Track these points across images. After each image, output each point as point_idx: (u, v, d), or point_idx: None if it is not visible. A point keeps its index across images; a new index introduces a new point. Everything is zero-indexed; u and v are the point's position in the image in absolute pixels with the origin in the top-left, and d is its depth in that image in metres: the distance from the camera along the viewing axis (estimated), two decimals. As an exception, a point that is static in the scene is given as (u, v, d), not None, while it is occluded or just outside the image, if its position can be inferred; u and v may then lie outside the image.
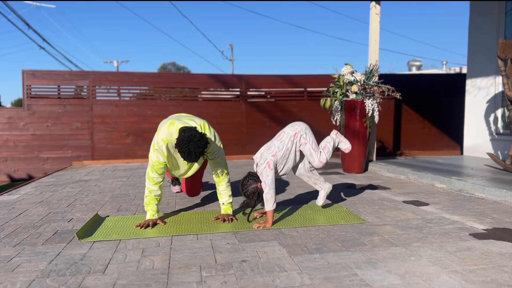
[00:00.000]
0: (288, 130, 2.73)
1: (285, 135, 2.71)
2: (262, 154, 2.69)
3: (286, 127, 2.78)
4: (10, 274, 1.84)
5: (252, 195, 2.59)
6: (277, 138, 2.72)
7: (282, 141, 2.69)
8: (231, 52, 30.64)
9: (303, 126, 2.75)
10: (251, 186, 2.59)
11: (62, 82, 6.87)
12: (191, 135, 2.36)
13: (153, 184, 2.64)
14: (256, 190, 2.58)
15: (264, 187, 2.56)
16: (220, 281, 1.72)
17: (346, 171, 5.07)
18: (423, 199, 3.36)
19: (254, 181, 2.60)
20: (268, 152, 2.66)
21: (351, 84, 4.85)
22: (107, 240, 2.32)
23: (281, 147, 2.67)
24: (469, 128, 6.25)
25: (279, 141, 2.70)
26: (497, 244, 2.17)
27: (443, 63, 29.76)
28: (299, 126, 2.75)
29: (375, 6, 5.46)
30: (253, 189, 2.59)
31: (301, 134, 2.70)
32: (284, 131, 2.75)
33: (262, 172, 2.59)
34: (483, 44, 5.99)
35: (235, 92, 7.47)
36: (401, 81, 7.89)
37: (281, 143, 2.68)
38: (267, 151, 2.67)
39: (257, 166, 2.67)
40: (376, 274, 1.77)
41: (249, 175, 2.64)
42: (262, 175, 2.59)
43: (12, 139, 6.72)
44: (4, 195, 3.75)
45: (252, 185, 2.59)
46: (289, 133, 2.71)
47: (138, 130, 7.09)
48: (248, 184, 2.60)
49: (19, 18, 14.46)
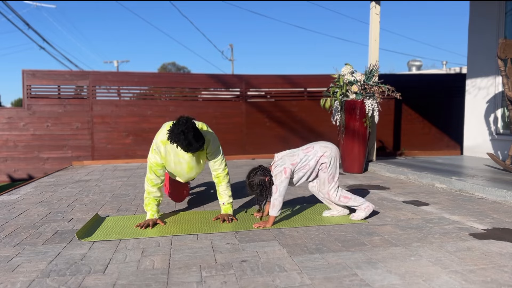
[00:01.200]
0: (318, 148, 2.67)
1: (312, 151, 2.65)
2: (283, 156, 2.65)
3: (317, 143, 2.71)
4: (10, 274, 1.84)
5: (257, 187, 2.55)
6: (304, 151, 2.67)
7: (307, 155, 2.64)
8: (231, 52, 30.65)
9: (333, 153, 2.66)
10: (259, 178, 2.55)
11: (62, 82, 6.87)
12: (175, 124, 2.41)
13: (151, 186, 2.64)
14: (263, 183, 2.55)
15: (275, 192, 2.53)
16: (220, 281, 1.72)
17: (346, 171, 5.07)
18: (423, 199, 3.36)
19: (263, 174, 2.57)
20: (289, 159, 2.61)
21: (351, 84, 4.85)
22: (107, 240, 2.32)
23: (304, 160, 2.62)
24: (469, 128, 6.26)
25: (305, 153, 2.65)
26: (497, 244, 2.17)
27: (443, 63, 29.75)
28: (330, 150, 2.67)
29: (375, 6, 5.46)
30: (260, 181, 2.55)
31: (325, 160, 2.64)
32: (313, 146, 2.69)
33: (277, 175, 2.56)
34: (483, 44, 5.99)
35: (235, 92, 7.47)
36: (401, 81, 7.89)
37: (305, 156, 2.64)
38: (289, 157, 2.63)
39: (274, 165, 2.63)
40: (376, 274, 1.77)
41: (260, 167, 2.60)
42: (276, 178, 2.55)
43: (12, 139, 6.72)
44: (4, 195, 3.75)
45: (260, 177, 2.56)
46: (317, 152, 2.65)
47: (138, 130, 7.09)
48: (257, 175, 2.56)
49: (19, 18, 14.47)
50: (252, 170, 2.61)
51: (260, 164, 2.65)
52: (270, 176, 2.58)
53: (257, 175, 2.57)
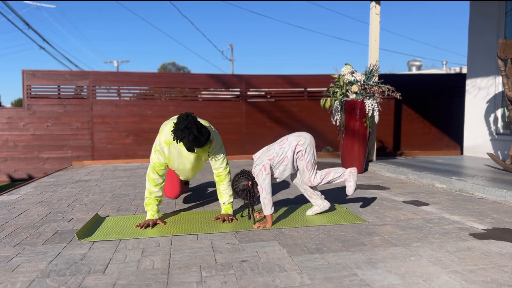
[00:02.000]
0: (292, 138, 2.69)
1: (287, 143, 2.68)
2: (260, 155, 2.68)
3: (291, 135, 2.74)
4: (10, 274, 1.84)
5: (241, 192, 2.57)
6: (278, 144, 2.69)
7: (282, 148, 2.66)
8: (231, 52, 30.65)
9: (307, 140, 2.69)
10: (242, 183, 2.57)
11: (62, 82, 6.88)
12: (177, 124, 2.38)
13: (153, 186, 2.64)
14: (246, 187, 2.56)
15: (261, 191, 2.54)
16: (220, 281, 1.72)
17: (346, 171, 5.06)
18: (423, 199, 3.36)
19: (245, 178, 2.58)
20: (266, 155, 2.63)
21: (351, 84, 4.85)
22: (107, 240, 2.32)
23: (280, 153, 2.64)
24: (469, 128, 6.26)
25: (280, 146, 2.67)
26: (497, 244, 2.17)
27: (443, 63, 29.75)
28: (304, 138, 2.69)
29: (375, 6, 5.46)
30: (243, 186, 2.56)
31: (300, 148, 2.66)
32: (287, 138, 2.71)
33: (258, 174, 2.57)
34: (483, 44, 5.99)
35: (235, 92, 7.48)
36: (401, 81, 7.89)
37: (281, 149, 2.65)
38: (266, 153, 2.65)
39: (254, 165, 2.66)
40: (376, 274, 1.77)
41: (242, 172, 2.61)
42: (258, 178, 2.57)
43: (12, 139, 6.72)
44: (4, 195, 3.75)
45: (243, 182, 2.57)
46: (291, 142, 2.67)
47: (138, 130, 7.09)
48: (239, 182, 2.58)
49: (19, 18, 14.46)
50: (235, 176, 2.63)
51: (242, 169, 2.66)
52: (252, 178, 2.59)
53: (240, 180, 2.58)
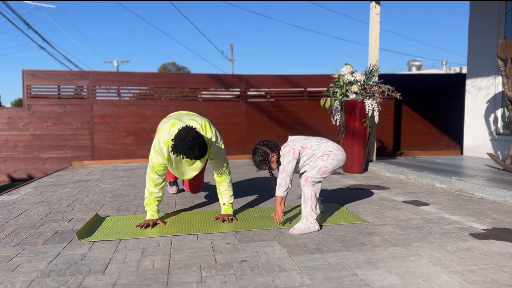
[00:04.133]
0: (332, 144, 2.62)
1: (325, 144, 2.61)
2: (296, 138, 2.63)
3: (334, 142, 2.67)
4: (10, 274, 1.84)
5: (258, 156, 2.56)
6: (318, 140, 2.63)
7: (319, 145, 2.60)
8: (231, 52, 30.66)
9: (340, 156, 2.60)
10: (265, 150, 2.56)
11: (62, 82, 6.87)
12: (185, 137, 2.34)
13: (153, 186, 2.63)
14: (266, 156, 2.55)
15: (282, 172, 2.51)
16: (220, 281, 1.72)
17: (346, 171, 5.07)
18: (423, 199, 3.36)
19: (271, 149, 2.57)
20: (301, 142, 2.59)
21: (351, 84, 4.85)
22: (107, 240, 2.32)
23: (315, 149, 2.58)
24: (469, 128, 6.25)
25: (317, 143, 2.61)
26: (497, 244, 2.17)
27: (443, 63, 29.75)
28: (341, 152, 2.62)
29: (375, 6, 5.46)
30: (264, 152, 2.56)
31: (330, 154, 2.56)
32: (328, 141, 2.64)
33: (285, 154, 2.53)
34: (483, 44, 5.99)
35: (235, 92, 7.47)
36: (401, 81, 7.89)
37: (317, 145, 2.60)
38: (302, 140, 2.60)
39: (285, 145, 2.61)
40: (376, 274, 1.77)
41: (273, 142, 2.59)
42: (284, 158, 2.53)
43: (12, 139, 6.72)
44: (4, 195, 3.75)
45: (267, 150, 2.56)
46: (329, 147, 2.60)
47: (138, 130, 7.09)
48: (265, 146, 2.57)
49: (19, 18, 14.47)
50: (265, 140, 2.61)
51: (275, 142, 2.62)
52: (278, 153, 2.57)
53: (265, 147, 2.57)
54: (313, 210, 2.46)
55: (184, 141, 2.33)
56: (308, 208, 2.46)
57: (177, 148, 2.35)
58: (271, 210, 3.02)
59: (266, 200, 3.43)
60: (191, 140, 2.33)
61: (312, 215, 2.45)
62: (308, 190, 2.48)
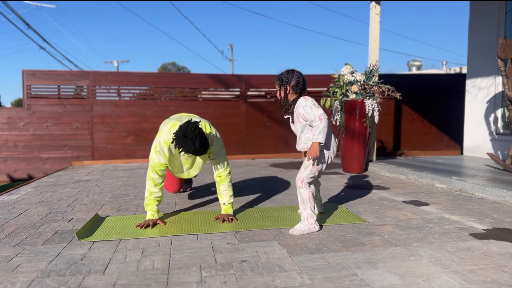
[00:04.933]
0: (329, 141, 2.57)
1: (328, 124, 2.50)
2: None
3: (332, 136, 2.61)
4: (10, 274, 1.84)
5: (286, 77, 2.50)
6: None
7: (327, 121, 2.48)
8: (231, 52, 30.64)
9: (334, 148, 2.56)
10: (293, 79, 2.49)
11: (62, 82, 6.87)
12: (186, 129, 2.40)
13: (153, 186, 2.64)
14: (287, 82, 2.49)
15: (323, 119, 2.39)
16: (220, 281, 1.72)
17: (346, 171, 5.07)
18: (423, 199, 3.36)
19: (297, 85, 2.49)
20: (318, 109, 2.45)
21: (351, 84, 4.85)
22: (107, 240, 2.32)
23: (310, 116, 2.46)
24: (469, 128, 6.25)
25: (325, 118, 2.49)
26: (497, 244, 2.17)
27: (443, 63, 29.76)
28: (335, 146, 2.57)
29: (375, 6, 5.46)
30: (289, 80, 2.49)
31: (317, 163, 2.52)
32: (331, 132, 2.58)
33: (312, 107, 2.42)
34: (483, 44, 5.99)
35: (235, 92, 7.47)
36: (401, 81, 7.89)
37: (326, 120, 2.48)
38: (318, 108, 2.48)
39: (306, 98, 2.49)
40: (376, 274, 1.77)
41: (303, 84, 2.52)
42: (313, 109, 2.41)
43: (12, 139, 6.72)
44: (4, 195, 3.75)
45: (292, 81, 2.49)
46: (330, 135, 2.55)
47: (138, 130, 7.09)
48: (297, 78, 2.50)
49: (19, 18, 14.46)
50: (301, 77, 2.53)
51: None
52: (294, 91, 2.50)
53: (296, 79, 2.50)
54: (312, 211, 2.47)
55: (186, 132, 2.38)
56: (308, 209, 2.46)
57: (179, 140, 2.39)
58: (271, 210, 3.02)
59: (266, 200, 3.43)
60: (193, 131, 2.38)
61: (312, 216, 2.45)
62: (306, 192, 2.48)
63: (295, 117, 2.53)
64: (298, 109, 2.48)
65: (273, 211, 2.99)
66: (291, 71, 2.55)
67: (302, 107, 2.46)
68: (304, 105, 2.45)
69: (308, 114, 2.43)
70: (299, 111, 2.47)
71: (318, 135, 2.39)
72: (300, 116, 2.47)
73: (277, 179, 4.55)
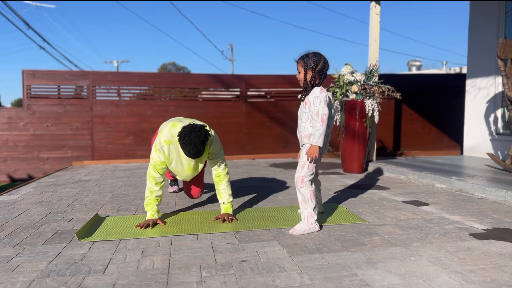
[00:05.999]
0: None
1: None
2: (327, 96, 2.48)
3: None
4: (10, 274, 1.84)
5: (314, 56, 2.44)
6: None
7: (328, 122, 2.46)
8: (231, 52, 30.64)
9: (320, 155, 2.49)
10: (318, 64, 2.44)
11: (62, 82, 6.88)
12: (192, 127, 2.49)
13: (154, 184, 2.65)
14: (307, 66, 2.44)
15: (321, 121, 2.36)
16: (220, 281, 1.72)
17: (346, 171, 5.06)
18: (423, 199, 3.36)
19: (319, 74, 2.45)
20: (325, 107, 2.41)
21: (351, 84, 4.85)
22: (107, 240, 2.32)
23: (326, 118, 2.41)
24: (469, 128, 6.25)
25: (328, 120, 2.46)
26: (497, 244, 2.17)
27: (443, 63, 29.77)
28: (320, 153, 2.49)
29: (375, 6, 5.46)
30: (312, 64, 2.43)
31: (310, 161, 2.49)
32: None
33: (321, 100, 2.38)
34: (483, 44, 5.99)
35: (235, 92, 7.47)
36: (401, 81, 7.89)
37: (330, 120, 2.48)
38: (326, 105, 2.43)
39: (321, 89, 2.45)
40: (376, 274, 1.77)
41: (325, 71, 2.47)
42: (322, 104, 2.38)
43: (12, 139, 6.72)
44: (4, 195, 3.75)
45: (313, 65, 2.43)
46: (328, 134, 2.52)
47: (138, 130, 7.09)
48: (322, 64, 2.45)
49: (19, 18, 14.46)
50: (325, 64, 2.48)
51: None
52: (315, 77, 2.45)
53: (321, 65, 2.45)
54: (313, 211, 2.46)
55: (193, 132, 2.46)
56: (309, 209, 2.45)
57: (184, 137, 2.46)
58: (271, 210, 3.02)
59: (266, 200, 3.43)
60: (199, 130, 2.47)
61: (312, 215, 2.45)
62: (307, 191, 2.46)
63: (305, 101, 2.50)
64: (309, 97, 2.46)
65: (273, 211, 2.99)
66: (317, 54, 2.48)
67: (314, 96, 2.43)
68: (317, 96, 2.41)
69: (315, 106, 2.41)
70: (309, 98, 2.45)
71: (318, 139, 2.39)
72: (307, 103, 2.46)
73: (277, 179, 4.55)
